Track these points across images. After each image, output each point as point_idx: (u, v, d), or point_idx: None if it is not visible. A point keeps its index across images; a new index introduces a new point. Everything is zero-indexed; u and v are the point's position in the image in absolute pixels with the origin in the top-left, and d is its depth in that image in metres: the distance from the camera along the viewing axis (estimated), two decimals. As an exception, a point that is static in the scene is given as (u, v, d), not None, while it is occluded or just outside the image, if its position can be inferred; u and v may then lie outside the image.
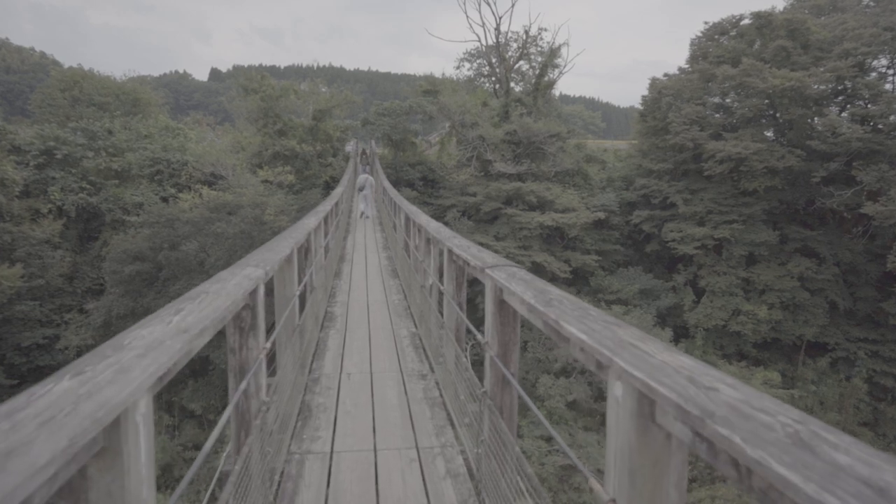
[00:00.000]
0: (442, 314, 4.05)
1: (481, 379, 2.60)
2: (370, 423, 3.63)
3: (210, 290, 1.80)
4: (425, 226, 5.08)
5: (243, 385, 2.04)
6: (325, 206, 7.37)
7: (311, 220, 5.11)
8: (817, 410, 20.70)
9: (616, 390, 1.21)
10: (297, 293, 3.64)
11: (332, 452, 3.21)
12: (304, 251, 4.76)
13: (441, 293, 4.25)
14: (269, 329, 2.91)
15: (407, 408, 3.90)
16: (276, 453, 2.87)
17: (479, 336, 2.59)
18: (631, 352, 1.18)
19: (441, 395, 4.07)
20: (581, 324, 1.43)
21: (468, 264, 2.98)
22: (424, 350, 5.22)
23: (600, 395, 18.67)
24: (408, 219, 7.45)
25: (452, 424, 3.57)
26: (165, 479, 14.78)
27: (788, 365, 22.35)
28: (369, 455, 3.19)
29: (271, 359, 2.90)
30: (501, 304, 2.34)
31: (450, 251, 3.60)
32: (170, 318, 1.43)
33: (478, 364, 3.62)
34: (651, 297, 23.26)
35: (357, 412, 3.82)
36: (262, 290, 2.33)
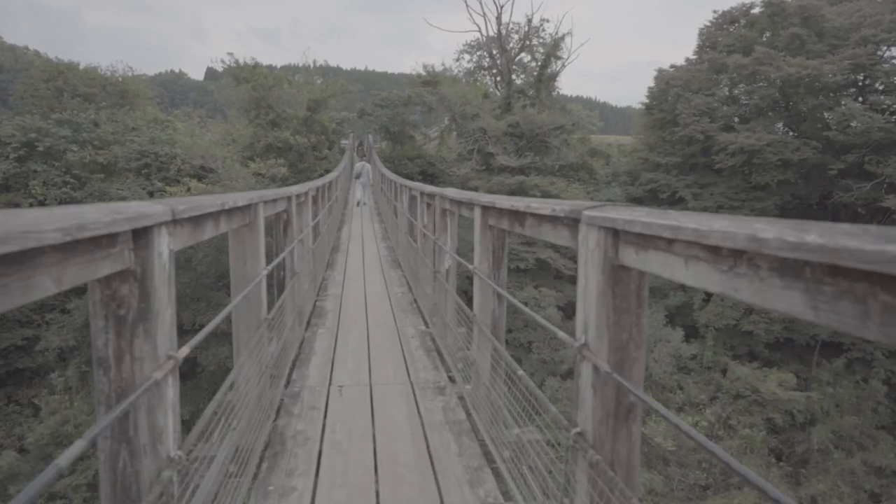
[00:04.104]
0: (470, 305, 2.93)
1: (569, 413, 1.49)
2: (371, 464, 2.48)
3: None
4: (441, 193, 3.96)
5: (106, 422, 0.93)
6: (317, 182, 6.27)
7: (294, 187, 3.99)
8: (833, 413, 19.92)
9: None
10: (266, 272, 2.53)
11: None
12: (284, 225, 3.66)
13: (459, 280, 3.16)
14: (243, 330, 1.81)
15: (423, 438, 2.75)
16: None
17: (561, 335, 1.49)
18: None
19: (469, 418, 2.93)
20: None
21: (526, 219, 1.85)
22: (440, 354, 4.04)
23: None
24: (412, 197, 6.35)
25: (491, 462, 2.45)
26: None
27: (801, 366, 21.57)
28: None
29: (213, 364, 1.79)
30: (617, 274, 1.25)
31: (484, 209, 2.47)
32: None
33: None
34: (659, 295, 22.38)
35: (351, 445, 2.67)
36: (164, 245, 1.23)
